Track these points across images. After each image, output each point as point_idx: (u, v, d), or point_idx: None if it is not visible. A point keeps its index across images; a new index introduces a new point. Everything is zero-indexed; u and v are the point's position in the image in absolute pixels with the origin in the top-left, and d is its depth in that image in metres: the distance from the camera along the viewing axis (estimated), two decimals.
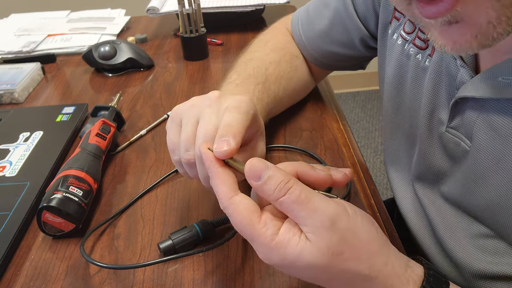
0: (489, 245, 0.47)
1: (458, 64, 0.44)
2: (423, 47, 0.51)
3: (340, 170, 0.43)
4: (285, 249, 0.33)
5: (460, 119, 0.46)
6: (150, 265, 0.46)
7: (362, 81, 2.55)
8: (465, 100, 0.44)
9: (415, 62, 0.52)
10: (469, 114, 0.44)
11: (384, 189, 1.88)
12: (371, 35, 0.63)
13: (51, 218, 0.49)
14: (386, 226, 0.50)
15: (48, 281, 0.46)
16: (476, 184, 0.45)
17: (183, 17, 0.89)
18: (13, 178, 0.58)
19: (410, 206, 0.59)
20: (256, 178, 0.35)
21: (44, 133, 0.68)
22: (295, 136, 0.66)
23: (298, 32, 0.71)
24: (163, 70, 0.91)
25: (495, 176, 0.43)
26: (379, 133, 2.22)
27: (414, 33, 0.52)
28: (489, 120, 0.42)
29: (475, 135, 0.44)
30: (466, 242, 0.50)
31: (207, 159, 0.38)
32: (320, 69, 0.73)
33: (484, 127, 0.43)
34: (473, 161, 0.45)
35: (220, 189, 0.36)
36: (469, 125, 0.44)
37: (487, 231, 0.47)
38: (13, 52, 1.00)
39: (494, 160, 0.42)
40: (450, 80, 0.47)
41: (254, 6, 1.06)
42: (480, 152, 0.44)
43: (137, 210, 0.54)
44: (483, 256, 0.48)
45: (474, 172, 0.45)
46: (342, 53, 0.68)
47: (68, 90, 0.86)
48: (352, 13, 0.63)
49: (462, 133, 0.46)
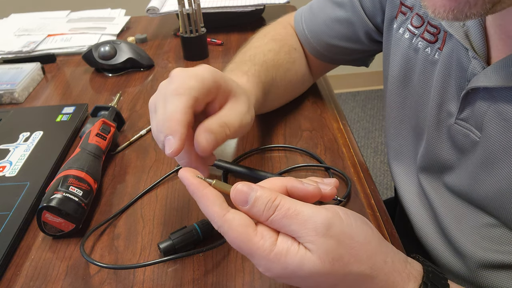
0: (495, 234, 0.48)
1: (470, 56, 0.45)
2: (432, 40, 0.51)
3: (328, 183, 0.43)
4: (285, 258, 0.33)
5: (470, 110, 0.46)
6: (150, 265, 0.46)
7: (362, 81, 2.55)
8: (476, 91, 0.45)
9: (424, 55, 0.52)
10: (479, 105, 0.45)
11: (384, 189, 1.88)
12: (377, 29, 0.63)
13: (51, 218, 0.49)
14: (386, 226, 0.50)
15: (48, 281, 0.46)
16: (486, 174, 0.46)
17: (183, 17, 0.89)
18: (13, 178, 0.58)
19: (414, 198, 0.59)
20: (243, 203, 0.35)
21: (44, 133, 0.68)
22: (295, 136, 0.66)
23: (301, 27, 0.71)
24: (163, 70, 0.91)
25: (505, 165, 0.43)
26: (379, 133, 2.22)
27: (422, 27, 0.52)
28: (500, 110, 0.43)
29: (486, 126, 0.44)
30: (472, 231, 0.50)
31: (189, 185, 0.37)
32: (321, 64, 0.73)
33: (495, 118, 0.43)
34: (483, 151, 0.45)
35: (210, 210, 0.35)
36: (480, 116, 0.45)
37: (493, 221, 0.48)
38: (13, 52, 1.00)
39: (504, 150, 0.43)
40: (461, 72, 0.47)
41: (254, 6, 1.06)
42: (491, 142, 0.44)
43: (137, 210, 0.54)
44: (489, 245, 0.48)
45: (483, 162, 0.46)
46: (346, 47, 0.68)
47: (68, 90, 0.86)
48: (358, 7, 0.63)
49: (471, 125, 0.47)
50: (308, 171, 0.59)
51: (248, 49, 0.66)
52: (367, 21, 0.63)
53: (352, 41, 0.67)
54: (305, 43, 0.71)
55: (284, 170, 0.58)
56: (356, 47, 0.67)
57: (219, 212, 0.35)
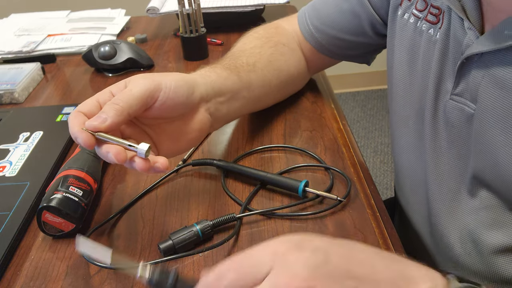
0: (491, 218, 0.49)
1: (466, 26, 0.46)
2: (434, 21, 0.52)
3: None
4: None
5: (465, 83, 0.47)
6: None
7: (362, 81, 2.55)
8: (471, 61, 0.46)
9: (427, 37, 0.53)
10: (474, 75, 0.46)
11: (384, 189, 1.88)
12: (382, 20, 0.63)
13: (51, 218, 0.49)
14: (386, 226, 0.50)
15: (48, 281, 0.46)
16: (483, 146, 0.46)
17: (183, 17, 0.89)
18: (13, 178, 0.58)
19: (416, 188, 0.59)
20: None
21: (44, 133, 0.68)
22: (295, 136, 0.66)
23: (305, 22, 0.70)
24: (163, 70, 0.91)
25: (502, 134, 0.44)
26: (379, 133, 2.22)
27: (426, 10, 0.53)
28: (494, 76, 0.43)
29: (480, 96, 0.45)
30: (466, 217, 0.51)
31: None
32: (323, 58, 0.72)
33: (490, 86, 0.44)
34: (479, 122, 0.46)
35: None
36: (474, 87, 0.46)
37: (487, 202, 0.49)
38: (13, 52, 1.00)
39: (500, 118, 0.43)
40: (457, 46, 0.48)
41: (254, 6, 1.06)
42: (486, 111, 0.45)
43: (137, 210, 0.54)
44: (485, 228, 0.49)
45: (480, 134, 0.46)
46: (351, 40, 0.68)
47: (68, 90, 0.86)
48: (364, 0, 0.63)
49: (466, 98, 0.47)
50: (308, 171, 0.59)
51: (231, 50, 0.67)
52: (372, 12, 0.63)
53: (357, 34, 0.66)
54: (309, 37, 0.70)
55: (284, 170, 0.58)
56: (360, 40, 0.67)
57: None
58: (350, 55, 0.72)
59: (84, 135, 0.41)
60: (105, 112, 0.43)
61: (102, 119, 0.42)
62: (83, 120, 0.43)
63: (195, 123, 0.51)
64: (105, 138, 0.42)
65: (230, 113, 0.58)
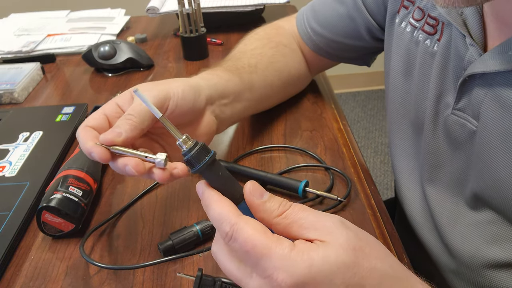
0: (492, 232, 0.48)
1: (468, 43, 0.45)
2: (431, 32, 0.51)
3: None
4: (308, 254, 0.30)
5: (467, 99, 0.46)
6: (150, 265, 0.46)
7: (362, 81, 2.55)
8: (473, 78, 0.45)
9: (423, 48, 0.52)
10: (476, 92, 0.45)
11: (384, 189, 1.88)
12: (379, 25, 0.63)
13: (51, 218, 0.49)
14: (386, 226, 0.50)
15: (48, 281, 0.46)
16: (484, 164, 0.45)
17: (183, 17, 0.89)
18: (13, 178, 0.58)
19: (414, 196, 0.59)
20: (259, 195, 0.34)
21: (43, 133, 0.68)
22: (295, 136, 0.65)
23: (303, 24, 0.71)
24: (163, 70, 0.91)
25: (504, 154, 0.43)
26: (379, 133, 2.22)
27: (423, 20, 0.52)
28: (497, 96, 0.42)
29: (483, 114, 0.44)
30: (468, 229, 0.50)
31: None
32: (322, 59, 0.72)
33: (492, 105, 0.43)
34: (481, 140, 0.45)
35: (224, 209, 0.33)
36: (477, 104, 0.45)
37: (490, 217, 0.48)
38: (12, 52, 1.00)
39: (502, 138, 0.43)
40: (458, 61, 0.47)
41: (254, 6, 1.05)
42: (488, 130, 0.44)
43: (137, 210, 0.54)
44: (485, 243, 0.49)
45: (482, 152, 0.45)
46: (347, 43, 0.68)
47: (68, 90, 0.86)
48: (360, 5, 0.63)
49: (468, 114, 0.47)
50: (308, 171, 0.59)
51: (232, 52, 0.67)
52: (368, 17, 0.63)
53: (353, 38, 0.66)
54: (307, 39, 0.71)
55: (284, 170, 0.58)
56: (357, 43, 0.67)
57: (234, 211, 0.33)
58: (349, 58, 0.72)
59: (99, 150, 0.40)
60: (119, 126, 0.42)
61: (117, 133, 0.41)
62: (93, 134, 0.42)
63: (202, 127, 0.51)
64: (121, 152, 0.41)
65: (234, 115, 0.58)
